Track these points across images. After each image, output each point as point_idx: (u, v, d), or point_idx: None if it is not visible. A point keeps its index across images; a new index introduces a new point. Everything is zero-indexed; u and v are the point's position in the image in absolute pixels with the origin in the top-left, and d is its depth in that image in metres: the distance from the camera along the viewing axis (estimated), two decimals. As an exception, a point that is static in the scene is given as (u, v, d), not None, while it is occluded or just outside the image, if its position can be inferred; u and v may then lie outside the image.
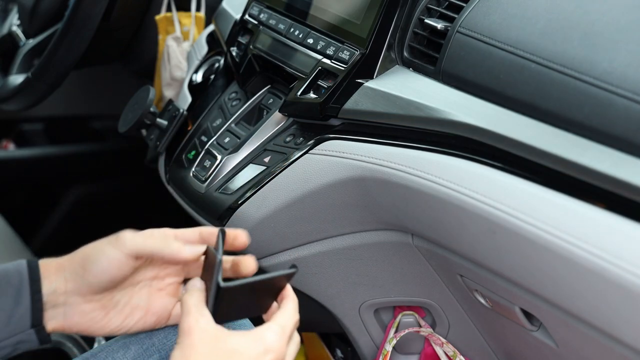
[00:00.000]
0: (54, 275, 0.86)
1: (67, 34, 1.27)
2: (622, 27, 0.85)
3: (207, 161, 1.15)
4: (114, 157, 2.13)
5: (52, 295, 0.85)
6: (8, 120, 2.06)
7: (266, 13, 1.18)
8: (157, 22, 1.44)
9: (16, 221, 1.72)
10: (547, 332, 0.94)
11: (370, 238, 1.06)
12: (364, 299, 1.15)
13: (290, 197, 1.04)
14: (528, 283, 0.86)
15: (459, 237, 0.91)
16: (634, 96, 0.78)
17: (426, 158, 0.91)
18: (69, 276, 0.85)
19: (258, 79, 1.19)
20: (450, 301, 1.10)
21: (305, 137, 1.05)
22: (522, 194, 0.82)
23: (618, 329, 0.78)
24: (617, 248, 0.74)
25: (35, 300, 0.84)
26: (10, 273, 0.86)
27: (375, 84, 0.99)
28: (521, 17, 0.91)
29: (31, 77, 1.33)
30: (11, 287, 0.85)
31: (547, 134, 0.83)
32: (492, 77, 0.90)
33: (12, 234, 1.57)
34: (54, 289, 0.85)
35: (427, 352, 1.19)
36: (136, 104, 1.26)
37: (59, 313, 0.86)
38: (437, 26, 0.98)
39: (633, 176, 0.75)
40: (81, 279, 0.85)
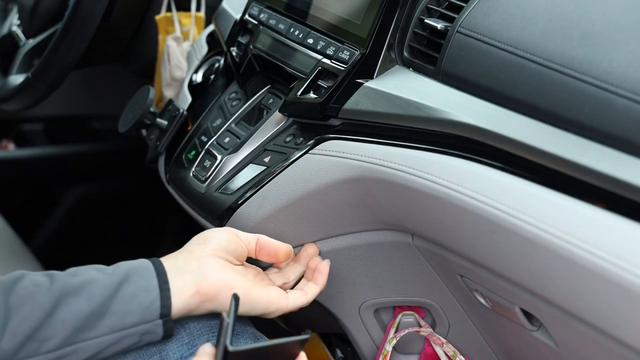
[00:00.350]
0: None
1: (67, 34, 1.27)
2: (622, 27, 0.85)
3: (207, 161, 1.15)
4: (114, 157, 2.13)
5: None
6: (8, 120, 2.06)
7: (266, 13, 1.18)
8: (157, 22, 1.44)
9: (16, 221, 1.72)
10: (547, 332, 0.94)
11: (370, 238, 1.06)
12: (364, 299, 1.15)
13: (290, 197, 1.04)
14: (528, 283, 0.86)
15: (458, 237, 0.91)
16: (634, 96, 0.78)
17: (426, 158, 0.91)
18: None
19: (258, 79, 1.19)
20: (450, 301, 1.10)
21: (305, 137, 1.05)
22: (522, 194, 0.82)
23: (618, 329, 0.78)
24: (617, 248, 0.74)
25: (164, 289, 0.89)
26: (137, 267, 0.91)
27: (375, 84, 0.99)
28: (521, 17, 0.91)
29: (31, 77, 1.33)
30: (140, 277, 0.90)
31: (547, 134, 0.83)
32: (492, 77, 0.90)
33: (12, 234, 1.57)
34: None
35: (427, 352, 1.19)
36: (136, 104, 1.26)
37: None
38: (437, 26, 0.98)
39: (633, 176, 0.75)
40: None
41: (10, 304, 0.84)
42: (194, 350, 0.94)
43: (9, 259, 1.47)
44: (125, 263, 0.92)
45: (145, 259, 0.93)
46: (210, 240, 0.96)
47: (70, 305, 0.86)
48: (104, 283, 0.88)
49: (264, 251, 1.00)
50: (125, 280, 0.89)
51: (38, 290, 0.86)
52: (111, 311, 0.87)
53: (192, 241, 0.98)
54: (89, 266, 0.92)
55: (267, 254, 1.00)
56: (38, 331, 0.84)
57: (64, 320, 0.85)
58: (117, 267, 0.91)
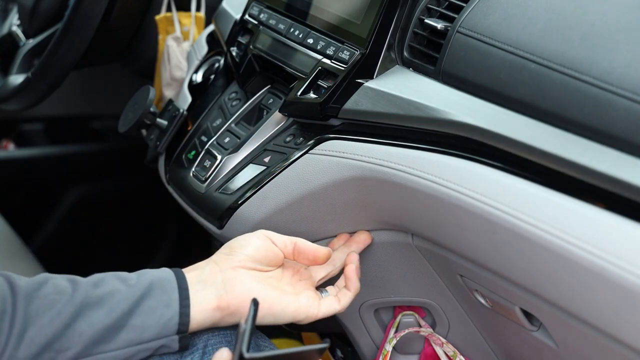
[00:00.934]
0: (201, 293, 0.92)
1: (67, 34, 1.27)
2: (622, 27, 0.85)
3: (207, 161, 1.15)
4: (114, 157, 2.13)
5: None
6: (8, 120, 2.06)
7: (266, 13, 1.18)
8: (157, 22, 1.44)
9: (16, 221, 1.72)
10: (547, 332, 0.94)
11: (370, 238, 1.07)
12: (364, 299, 1.15)
13: (290, 197, 1.04)
14: (528, 283, 0.86)
15: (458, 237, 0.91)
16: (634, 96, 0.78)
17: (426, 158, 0.91)
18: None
19: (258, 79, 1.19)
20: (450, 301, 1.10)
21: (305, 137, 1.05)
22: (522, 194, 0.82)
23: (618, 329, 0.78)
24: (617, 248, 0.74)
25: (184, 305, 0.89)
26: (161, 278, 0.90)
27: (375, 84, 0.99)
28: (521, 17, 0.91)
29: (31, 77, 1.33)
30: (163, 290, 0.89)
31: (547, 134, 0.83)
32: (492, 77, 0.90)
33: (12, 234, 1.57)
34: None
35: (427, 352, 1.19)
36: (136, 104, 1.26)
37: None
38: (437, 26, 0.98)
39: (633, 176, 0.75)
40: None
41: (31, 312, 0.84)
42: (193, 349, 0.93)
43: (9, 259, 1.47)
44: (149, 273, 0.91)
45: (169, 270, 0.92)
46: (238, 250, 0.94)
47: (90, 317, 0.85)
48: (126, 295, 0.87)
49: (302, 256, 0.97)
50: (146, 294, 0.88)
51: (59, 298, 0.85)
52: (130, 325, 0.86)
53: (221, 250, 0.96)
54: (113, 274, 0.91)
55: (305, 258, 0.98)
56: (55, 342, 0.83)
57: (82, 332, 0.84)
58: (141, 276, 0.90)
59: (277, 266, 0.97)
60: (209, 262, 0.94)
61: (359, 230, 1.06)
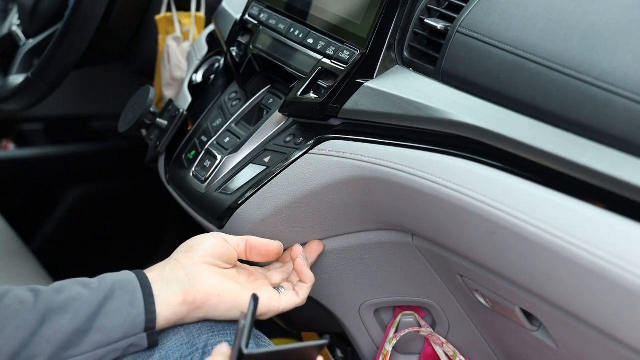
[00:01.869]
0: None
1: (67, 34, 1.27)
2: (622, 27, 0.85)
3: (207, 161, 1.15)
4: (114, 157, 2.13)
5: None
6: (8, 120, 2.06)
7: (266, 13, 1.18)
8: (157, 22, 1.44)
9: (16, 221, 1.72)
10: (547, 332, 0.94)
11: (370, 238, 1.06)
12: (364, 299, 1.15)
13: (290, 197, 1.04)
14: (528, 283, 0.86)
15: (458, 237, 0.91)
16: (634, 96, 0.78)
17: (426, 158, 0.91)
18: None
19: (258, 79, 1.19)
20: (450, 301, 1.10)
21: (305, 137, 1.05)
22: (522, 194, 0.82)
23: (618, 329, 0.78)
24: (617, 248, 0.74)
25: (149, 302, 0.89)
26: (122, 280, 0.91)
27: (375, 84, 0.99)
28: (521, 17, 0.91)
29: (31, 77, 1.33)
30: (125, 291, 0.89)
31: (547, 134, 0.83)
32: (492, 77, 0.90)
33: (12, 234, 1.57)
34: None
35: (427, 352, 1.19)
36: (136, 104, 1.26)
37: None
38: (437, 26, 0.98)
39: (633, 176, 0.75)
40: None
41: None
42: (193, 350, 0.94)
43: (9, 259, 1.47)
44: (110, 276, 0.92)
45: (130, 271, 0.93)
46: (197, 247, 0.96)
47: (55, 322, 0.85)
48: (89, 299, 0.88)
49: (254, 251, 0.99)
50: (109, 296, 0.88)
51: (22, 308, 0.85)
52: (96, 327, 0.87)
53: (179, 249, 0.97)
54: (74, 280, 0.91)
55: (258, 254, 1.00)
56: (23, 350, 0.84)
57: (49, 338, 0.85)
58: (102, 280, 0.91)
59: (233, 265, 0.99)
60: (169, 261, 0.96)
61: (310, 240, 1.08)
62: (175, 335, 0.95)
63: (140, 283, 0.91)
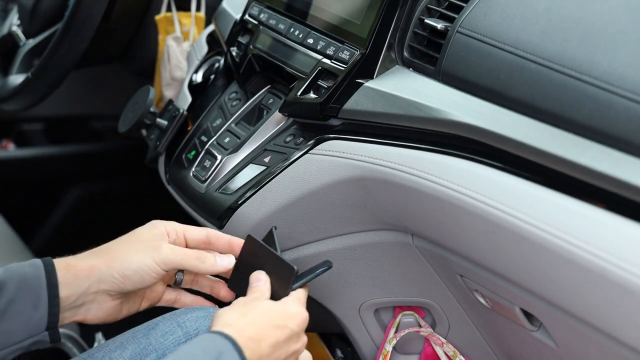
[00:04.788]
0: (87, 278, 0.91)
1: (67, 34, 1.27)
2: (622, 27, 0.85)
3: (207, 161, 1.15)
4: (114, 157, 2.13)
5: (82, 296, 0.91)
6: (8, 120, 2.06)
7: (266, 13, 1.18)
8: (157, 22, 1.44)
9: (16, 221, 1.71)
10: (547, 332, 0.94)
11: (370, 238, 1.06)
12: (364, 299, 1.15)
13: (290, 197, 1.04)
14: (528, 283, 0.86)
15: (458, 237, 0.91)
16: (634, 96, 0.78)
17: (426, 158, 0.91)
18: (104, 278, 0.90)
19: (258, 79, 1.19)
20: (450, 301, 1.10)
21: (305, 137, 1.05)
22: (522, 194, 0.82)
23: (618, 329, 0.78)
24: (617, 248, 0.74)
25: (53, 305, 0.89)
26: (29, 277, 0.89)
27: (375, 84, 0.99)
28: (521, 17, 0.91)
29: (31, 77, 1.33)
30: (30, 292, 0.88)
31: (547, 134, 0.83)
32: (492, 77, 0.90)
33: (12, 234, 1.57)
34: (85, 289, 0.90)
35: (427, 352, 1.19)
36: (136, 104, 1.26)
37: (82, 310, 0.92)
38: (437, 26, 0.98)
39: (633, 176, 0.75)
40: (118, 285, 0.91)
41: None
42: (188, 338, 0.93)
43: (9, 259, 1.47)
44: (17, 269, 0.89)
45: (40, 262, 0.91)
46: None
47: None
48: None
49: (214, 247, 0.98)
50: (13, 299, 0.87)
51: None
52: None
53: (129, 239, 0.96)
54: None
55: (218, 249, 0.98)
56: None
57: None
58: (8, 272, 0.88)
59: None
60: (100, 252, 0.94)
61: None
62: (172, 335, 0.94)
63: (47, 280, 0.89)
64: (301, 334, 0.88)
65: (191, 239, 0.96)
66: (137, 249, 0.92)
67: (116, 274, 0.90)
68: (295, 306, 0.88)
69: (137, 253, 0.91)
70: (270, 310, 0.86)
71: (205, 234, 0.96)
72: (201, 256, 0.93)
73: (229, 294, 0.99)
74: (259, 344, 0.82)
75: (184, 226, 0.96)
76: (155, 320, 0.95)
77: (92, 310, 0.92)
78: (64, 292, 0.89)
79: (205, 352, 0.78)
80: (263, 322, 0.84)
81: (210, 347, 0.79)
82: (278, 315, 0.86)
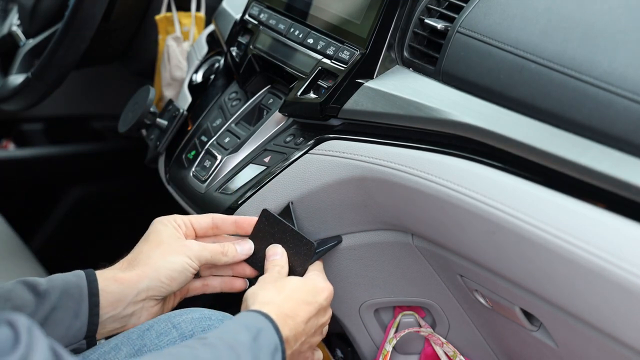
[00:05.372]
0: (135, 287, 0.94)
1: (67, 34, 1.27)
2: (622, 27, 0.85)
3: (207, 161, 1.15)
4: (114, 157, 2.13)
5: (130, 305, 0.94)
6: (8, 120, 2.06)
7: (266, 13, 1.18)
8: (157, 22, 1.44)
9: (16, 221, 1.71)
10: (547, 332, 0.94)
11: (370, 238, 1.06)
12: (364, 299, 1.15)
13: (290, 197, 1.04)
14: (528, 283, 0.86)
15: (458, 237, 0.91)
16: (634, 96, 0.78)
17: (426, 158, 0.91)
18: (153, 285, 0.95)
19: (258, 79, 1.19)
20: (450, 301, 1.10)
21: (305, 137, 1.05)
22: (522, 194, 0.82)
23: (618, 329, 0.78)
24: (617, 248, 0.74)
25: (93, 314, 0.91)
26: (71, 287, 0.91)
27: (375, 84, 0.99)
28: (521, 17, 0.91)
29: (31, 77, 1.33)
30: (72, 300, 0.90)
31: (547, 134, 0.83)
32: (492, 77, 0.90)
33: (12, 234, 1.57)
34: (134, 297, 0.94)
35: (427, 352, 1.19)
36: (136, 104, 1.26)
37: (132, 319, 0.95)
38: (437, 26, 0.98)
39: (633, 176, 0.75)
40: (166, 288, 0.95)
41: None
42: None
43: (9, 259, 1.47)
44: (59, 279, 0.91)
45: (82, 272, 0.93)
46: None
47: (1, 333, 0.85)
48: (35, 309, 0.87)
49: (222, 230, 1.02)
50: (56, 307, 0.88)
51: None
52: None
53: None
54: (22, 282, 0.89)
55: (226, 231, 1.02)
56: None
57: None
58: (51, 283, 0.90)
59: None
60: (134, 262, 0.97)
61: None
62: (167, 337, 0.94)
63: (88, 290, 0.91)
64: (328, 308, 0.94)
65: (199, 227, 1.00)
66: (170, 250, 0.96)
67: (164, 278, 0.94)
68: (322, 281, 0.94)
69: (174, 255, 0.95)
70: (302, 286, 0.92)
71: (211, 219, 1.01)
72: (224, 249, 0.99)
73: (253, 271, 1.03)
74: (295, 319, 0.87)
75: (188, 217, 1.00)
76: (149, 321, 0.96)
77: (142, 318, 0.95)
78: (110, 300, 0.92)
79: (248, 328, 0.81)
80: (297, 298, 0.90)
81: (251, 324, 0.82)
82: (309, 291, 0.91)
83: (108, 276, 0.94)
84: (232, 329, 0.82)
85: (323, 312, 0.93)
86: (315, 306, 0.91)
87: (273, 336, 0.83)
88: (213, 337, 0.80)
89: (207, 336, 0.80)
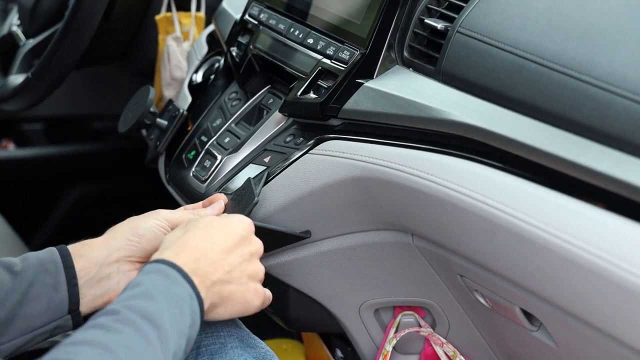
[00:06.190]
0: (104, 248, 0.93)
1: (67, 34, 1.27)
2: (622, 27, 0.85)
3: (207, 161, 1.15)
4: (114, 157, 2.13)
5: (103, 267, 0.92)
6: (8, 120, 2.06)
7: (266, 13, 1.18)
8: (157, 22, 1.44)
9: (16, 221, 1.71)
10: (547, 332, 0.94)
11: (370, 238, 1.06)
12: (364, 299, 1.15)
13: (290, 197, 1.04)
14: (528, 283, 0.86)
15: (459, 237, 0.91)
16: (634, 96, 0.78)
17: (426, 158, 0.91)
18: (121, 245, 0.93)
19: (258, 79, 1.19)
20: (450, 301, 1.10)
21: (305, 137, 1.05)
22: (522, 194, 0.82)
23: (618, 329, 0.78)
24: (617, 248, 0.74)
25: (72, 285, 0.90)
26: (45, 262, 0.91)
27: (375, 84, 0.99)
28: (521, 17, 0.91)
29: (31, 77, 1.33)
30: (48, 274, 0.90)
31: (547, 134, 0.83)
32: (492, 77, 0.90)
33: (12, 234, 1.57)
34: (105, 257, 0.93)
35: (427, 352, 1.19)
36: (136, 104, 1.26)
37: (109, 284, 0.93)
38: (437, 26, 0.98)
39: (633, 176, 0.75)
40: (136, 245, 0.94)
41: None
42: (202, 358, 0.93)
43: (9, 259, 1.47)
44: (33, 256, 0.91)
45: (54, 248, 0.93)
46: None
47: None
48: (12, 286, 0.88)
49: None
50: (33, 281, 0.88)
51: None
52: (20, 315, 0.87)
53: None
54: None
55: None
56: None
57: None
58: (25, 261, 0.90)
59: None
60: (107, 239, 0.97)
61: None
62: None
63: (63, 263, 0.91)
64: (251, 237, 0.90)
65: (172, 219, 0.99)
66: (139, 218, 0.97)
67: (131, 236, 0.94)
68: (235, 216, 0.92)
69: (142, 219, 0.96)
70: (212, 221, 0.89)
71: (182, 213, 1.00)
72: (195, 212, 0.99)
73: None
74: (205, 252, 0.84)
75: (163, 217, 0.98)
76: None
77: (122, 283, 0.93)
78: (82, 264, 0.91)
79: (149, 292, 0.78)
80: (206, 232, 0.87)
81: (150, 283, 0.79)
82: (222, 226, 0.88)
83: (77, 245, 0.94)
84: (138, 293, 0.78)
85: (247, 242, 0.89)
86: (233, 236, 0.87)
87: (183, 285, 0.80)
88: (125, 310, 0.76)
89: (119, 310, 0.76)
